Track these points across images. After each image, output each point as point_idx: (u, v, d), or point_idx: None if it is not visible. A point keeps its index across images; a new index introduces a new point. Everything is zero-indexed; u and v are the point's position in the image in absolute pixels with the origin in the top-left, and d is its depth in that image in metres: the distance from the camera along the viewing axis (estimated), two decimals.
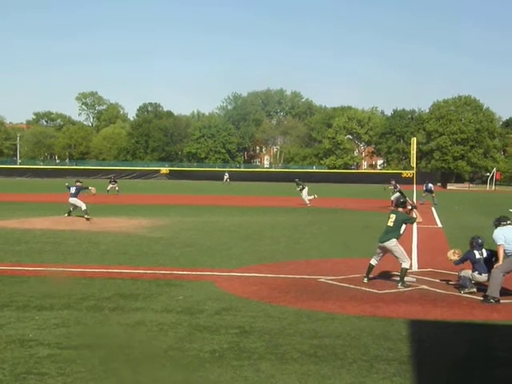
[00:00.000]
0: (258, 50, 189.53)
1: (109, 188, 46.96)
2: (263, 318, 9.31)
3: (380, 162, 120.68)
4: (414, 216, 12.69)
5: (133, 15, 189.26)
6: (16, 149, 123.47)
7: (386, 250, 12.21)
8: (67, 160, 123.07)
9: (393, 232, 12.10)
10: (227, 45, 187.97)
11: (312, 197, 36.67)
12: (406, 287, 11.84)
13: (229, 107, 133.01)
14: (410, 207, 13.09)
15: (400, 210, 12.52)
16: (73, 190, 25.05)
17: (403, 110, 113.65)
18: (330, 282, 12.38)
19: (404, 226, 12.16)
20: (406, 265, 11.98)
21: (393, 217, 12.28)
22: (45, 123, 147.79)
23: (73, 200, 24.89)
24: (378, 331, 8.70)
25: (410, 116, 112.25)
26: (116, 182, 48.25)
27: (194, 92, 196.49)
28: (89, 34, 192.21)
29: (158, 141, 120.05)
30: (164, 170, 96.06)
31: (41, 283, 11.87)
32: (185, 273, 13.11)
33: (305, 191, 36.52)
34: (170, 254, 16.03)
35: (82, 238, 19.38)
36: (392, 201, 30.83)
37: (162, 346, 7.81)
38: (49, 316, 9.24)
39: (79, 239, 18.96)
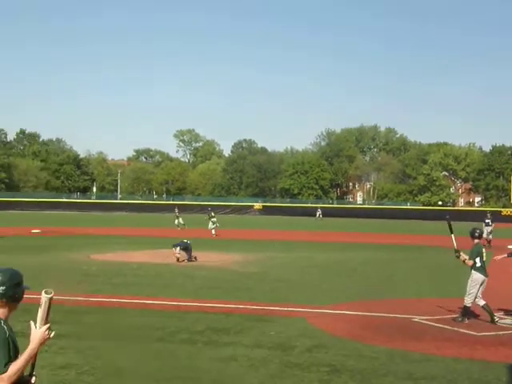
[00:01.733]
0: (351, 87, 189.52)
1: (177, 222, 47.69)
2: (355, 357, 9.11)
3: (478, 199, 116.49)
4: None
5: (231, 55, 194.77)
6: (117, 184, 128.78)
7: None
8: (164, 195, 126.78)
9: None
10: (320, 83, 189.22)
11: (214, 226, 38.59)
12: (460, 322, 11.75)
13: (322, 143, 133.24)
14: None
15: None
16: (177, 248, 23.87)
17: (503, 145, 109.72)
18: (424, 321, 11.97)
19: (478, 259, 12.11)
20: (466, 301, 12.01)
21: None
22: (144, 160, 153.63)
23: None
24: (475, 375, 8.30)
25: (510, 152, 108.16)
26: (178, 216, 48.12)
27: (288, 128, 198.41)
28: (186, 74, 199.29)
29: (251, 177, 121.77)
30: (257, 205, 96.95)
31: (138, 315, 12.20)
32: (276, 308, 13.08)
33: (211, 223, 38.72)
34: (261, 289, 16.07)
35: (177, 271, 19.82)
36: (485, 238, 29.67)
37: (253, 382, 7.79)
38: (144, 348, 9.46)
39: (175, 273, 19.41)
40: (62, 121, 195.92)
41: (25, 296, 3.96)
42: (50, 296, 3.87)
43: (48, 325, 3.84)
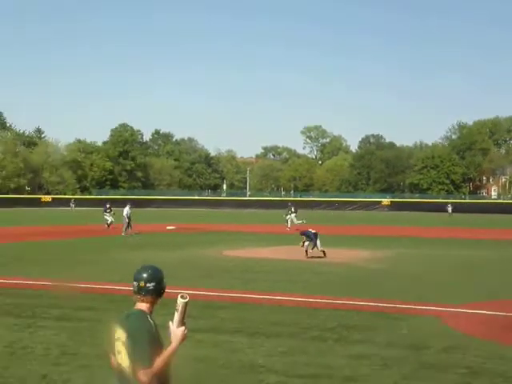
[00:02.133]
0: (485, 75, 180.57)
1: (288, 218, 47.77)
2: (494, 359, 8.68)
3: None
4: None
5: (362, 47, 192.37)
6: (246, 181, 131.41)
7: None
8: (292, 192, 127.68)
9: None
10: (449, 76, 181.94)
11: (300, 221, 39.19)
12: None
13: (453, 137, 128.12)
14: None
15: None
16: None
17: None
18: None
19: None
20: None
21: None
22: (272, 157, 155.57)
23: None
24: None
25: None
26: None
27: (417, 122, 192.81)
28: (313, 69, 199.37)
29: (379, 172, 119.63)
30: (385, 201, 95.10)
31: (269, 311, 12.38)
32: (408, 306, 12.76)
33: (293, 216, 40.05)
34: (391, 286, 15.75)
35: (305, 267, 19.90)
36: None
37: (387, 382, 7.66)
38: (276, 344, 9.58)
39: (302, 269, 19.50)
40: (193, 121, 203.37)
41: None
42: (185, 301, 4.02)
43: (184, 327, 3.99)
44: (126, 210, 34.92)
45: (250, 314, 12.02)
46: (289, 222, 42.13)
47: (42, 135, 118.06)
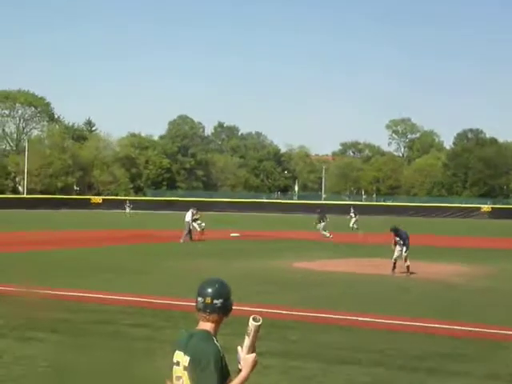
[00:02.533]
0: None
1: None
2: None
3: None
4: None
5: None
6: (321, 182, 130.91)
7: None
8: (374, 195, 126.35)
9: None
10: None
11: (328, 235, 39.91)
12: None
13: None
14: None
15: None
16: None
17: None
18: None
19: None
20: None
21: None
22: (352, 154, 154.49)
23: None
24: None
25: None
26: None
27: None
28: (397, 58, 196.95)
29: (478, 173, 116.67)
30: (485, 207, 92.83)
31: (348, 334, 12.27)
32: None
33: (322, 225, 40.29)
34: (494, 308, 15.33)
35: (390, 283, 19.62)
36: None
37: None
38: (356, 372, 9.48)
39: (386, 285, 19.23)
40: (260, 113, 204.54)
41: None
42: (258, 324, 4.00)
43: (255, 353, 3.98)
44: (189, 215, 35.55)
45: (325, 336, 11.96)
46: (324, 231, 41.43)
47: (93, 128, 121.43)
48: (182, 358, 4.03)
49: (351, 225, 44.73)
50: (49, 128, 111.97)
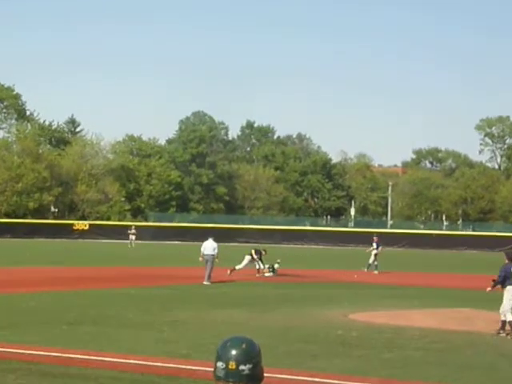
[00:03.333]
0: None
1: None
2: None
3: None
4: None
5: None
6: (386, 204, 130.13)
7: None
8: (460, 221, 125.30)
9: None
10: None
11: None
12: None
13: None
14: None
15: None
16: None
17: None
18: None
19: None
20: None
21: None
22: (429, 165, 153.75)
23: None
24: None
25: None
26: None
27: None
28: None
29: None
30: None
31: None
32: None
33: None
34: None
35: (484, 344, 19.38)
36: None
37: None
38: None
39: (479, 347, 19.00)
40: (303, 110, 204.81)
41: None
42: None
43: None
44: (209, 246, 35.50)
45: None
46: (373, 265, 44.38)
47: (77, 129, 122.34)
48: None
49: (371, 261, 45.60)
50: (18, 128, 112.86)
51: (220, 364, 4.08)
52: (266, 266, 41.87)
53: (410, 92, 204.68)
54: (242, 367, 4.04)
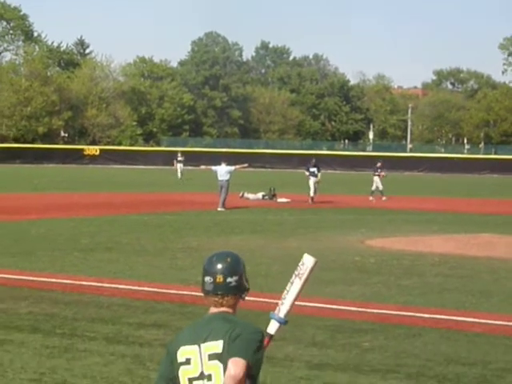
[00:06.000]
0: None
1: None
2: None
3: None
4: None
5: None
6: (406, 127, 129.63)
7: None
8: (482, 144, 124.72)
9: None
10: None
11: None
12: None
13: None
14: None
15: None
16: None
17: None
18: None
19: None
20: None
21: None
22: (450, 87, 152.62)
23: None
24: None
25: None
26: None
27: None
28: None
29: None
30: None
31: (439, 339, 12.22)
32: None
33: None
34: None
35: (505, 270, 19.42)
36: None
37: None
38: None
39: (500, 273, 19.05)
40: (320, 29, 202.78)
41: None
42: (316, 261, 4.46)
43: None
44: (223, 171, 35.46)
45: (410, 343, 11.94)
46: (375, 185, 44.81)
47: (87, 51, 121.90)
48: (198, 352, 4.24)
49: (374, 187, 44.25)
50: (26, 50, 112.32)
51: (208, 278, 4.37)
52: (262, 193, 42.40)
53: (430, 10, 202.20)
54: (229, 279, 4.34)
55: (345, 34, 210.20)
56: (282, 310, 4.36)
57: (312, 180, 40.73)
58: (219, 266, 4.35)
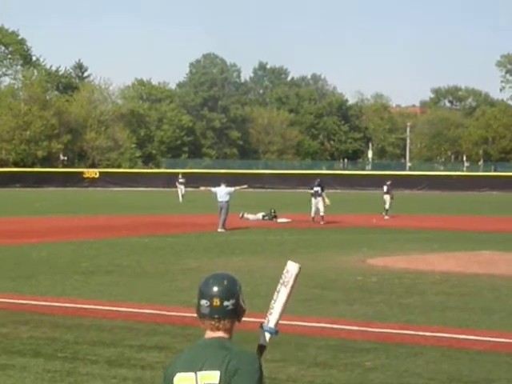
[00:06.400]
0: None
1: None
2: None
3: None
4: None
5: None
6: (405, 146, 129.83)
7: None
8: (481, 162, 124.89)
9: None
10: None
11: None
12: None
13: None
14: None
15: None
16: None
17: None
18: None
19: None
20: None
21: None
22: (448, 105, 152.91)
23: None
24: None
25: None
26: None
27: None
28: None
29: None
30: None
31: (444, 358, 12.22)
32: None
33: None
34: None
35: (506, 288, 19.43)
36: None
37: None
38: None
39: (501, 290, 19.05)
40: (318, 49, 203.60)
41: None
42: (299, 267, 4.47)
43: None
44: (223, 192, 35.54)
45: (412, 362, 11.95)
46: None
47: (85, 74, 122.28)
48: (195, 379, 4.19)
49: (387, 206, 44.62)
50: (24, 75, 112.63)
51: (204, 302, 4.30)
52: (262, 213, 42.43)
53: (427, 28, 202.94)
54: (226, 303, 4.29)
55: (342, 53, 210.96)
56: (272, 320, 4.36)
57: (313, 200, 40.42)
58: (216, 289, 4.31)
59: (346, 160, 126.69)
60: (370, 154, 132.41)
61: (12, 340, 13.19)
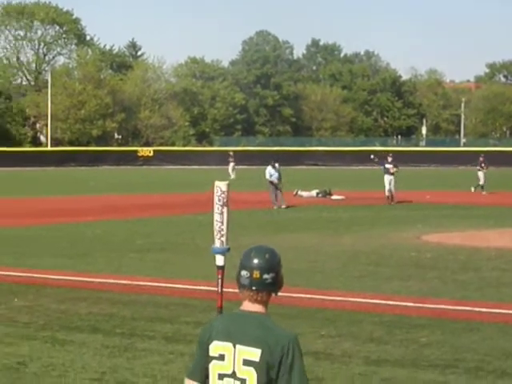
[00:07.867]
0: None
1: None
2: None
3: None
4: None
5: None
6: (459, 122, 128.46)
7: None
8: None
9: None
10: None
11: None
12: None
13: None
14: None
15: None
16: None
17: None
18: None
19: None
20: None
21: None
22: (503, 80, 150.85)
23: None
24: None
25: None
26: None
27: None
28: None
29: None
30: None
31: (498, 333, 12.19)
32: None
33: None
34: None
35: None
36: None
37: None
38: None
39: None
40: (370, 25, 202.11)
41: None
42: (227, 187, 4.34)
43: None
44: (270, 170, 35.67)
45: (467, 338, 11.94)
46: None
47: (139, 53, 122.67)
48: (233, 351, 4.28)
49: (482, 182, 45.70)
50: (79, 54, 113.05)
51: (244, 273, 4.43)
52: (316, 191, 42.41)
53: (482, 2, 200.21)
54: (265, 276, 4.37)
55: (396, 29, 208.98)
56: (224, 240, 4.47)
57: (387, 177, 39.22)
58: (257, 262, 4.39)
59: (399, 136, 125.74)
60: (423, 130, 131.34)
61: (71, 316, 13.41)
